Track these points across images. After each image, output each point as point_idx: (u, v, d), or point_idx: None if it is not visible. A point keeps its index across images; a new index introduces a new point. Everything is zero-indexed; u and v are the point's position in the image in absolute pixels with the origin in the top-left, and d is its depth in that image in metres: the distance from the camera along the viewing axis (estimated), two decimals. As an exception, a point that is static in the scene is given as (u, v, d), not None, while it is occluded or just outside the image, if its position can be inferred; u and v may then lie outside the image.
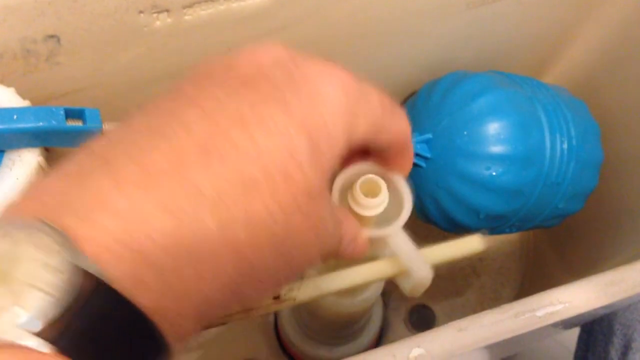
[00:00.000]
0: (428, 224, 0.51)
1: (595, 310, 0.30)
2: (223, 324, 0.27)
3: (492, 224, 0.50)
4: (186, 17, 0.38)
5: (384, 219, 0.29)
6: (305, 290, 0.30)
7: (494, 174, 0.45)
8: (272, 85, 0.19)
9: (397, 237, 0.29)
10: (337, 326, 0.52)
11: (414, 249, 0.29)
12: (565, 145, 0.47)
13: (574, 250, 0.63)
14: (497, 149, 0.45)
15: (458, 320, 0.29)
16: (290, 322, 0.57)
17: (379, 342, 0.66)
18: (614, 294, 0.30)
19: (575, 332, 0.58)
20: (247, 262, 0.18)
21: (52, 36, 0.36)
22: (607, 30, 0.53)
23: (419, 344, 0.28)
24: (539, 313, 0.29)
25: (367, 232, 0.27)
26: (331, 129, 0.19)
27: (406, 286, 0.30)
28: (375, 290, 0.44)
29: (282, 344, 0.65)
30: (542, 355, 0.77)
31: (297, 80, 0.19)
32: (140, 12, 0.37)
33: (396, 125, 0.24)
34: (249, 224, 0.17)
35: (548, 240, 0.67)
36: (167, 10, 0.38)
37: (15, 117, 0.31)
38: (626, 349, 0.53)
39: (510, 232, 0.52)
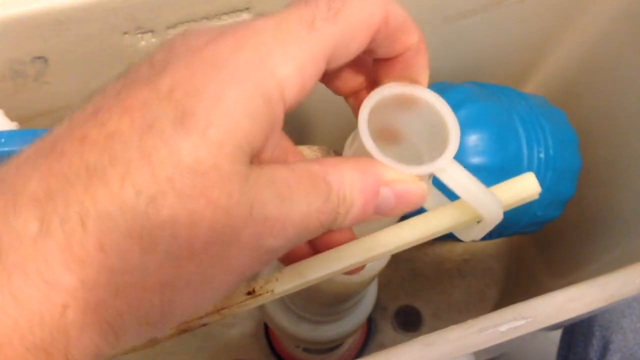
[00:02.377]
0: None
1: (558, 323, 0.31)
2: (203, 325, 0.25)
3: (471, 232, 0.51)
4: (170, 37, 0.39)
5: (411, 154, 0.24)
6: (286, 280, 0.24)
7: (472, 184, 0.47)
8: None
9: (452, 170, 0.22)
10: (325, 302, 0.46)
11: (476, 180, 0.23)
12: (542, 155, 0.49)
13: (557, 253, 0.64)
14: (474, 160, 0.46)
15: (425, 335, 0.30)
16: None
17: (365, 341, 0.68)
18: (575, 310, 0.31)
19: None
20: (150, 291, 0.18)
21: (39, 57, 0.37)
22: (585, 40, 0.54)
23: (388, 359, 0.29)
24: (502, 328, 0.30)
25: (411, 171, 0.21)
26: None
27: (467, 230, 0.24)
28: (380, 262, 0.37)
29: (271, 344, 0.66)
30: (530, 351, 0.79)
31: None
32: (125, 33, 0.38)
33: (354, 20, 0.20)
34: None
35: (532, 242, 0.68)
36: (152, 31, 0.39)
37: (2, 140, 0.32)
38: (604, 350, 0.55)
39: (491, 239, 0.54)
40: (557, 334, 0.61)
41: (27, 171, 0.18)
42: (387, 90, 0.23)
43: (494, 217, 0.23)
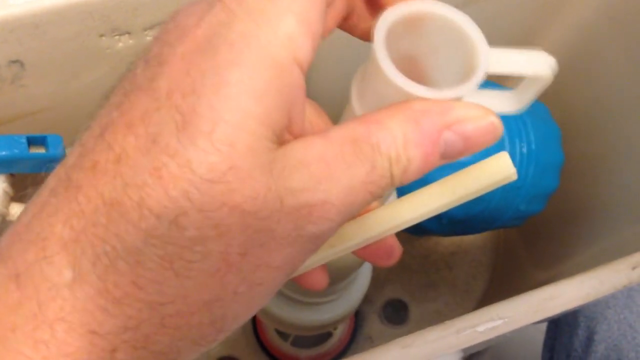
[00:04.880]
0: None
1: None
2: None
3: (456, 228, 0.51)
4: (148, 38, 0.39)
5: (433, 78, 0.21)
6: None
7: (454, 180, 0.47)
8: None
9: (493, 54, 0.20)
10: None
11: (512, 50, 0.21)
12: (524, 150, 0.49)
13: (542, 246, 0.64)
14: (456, 156, 0.46)
15: (403, 337, 0.30)
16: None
17: (353, 335, 0.68)
18: (552, 309, 0.31)
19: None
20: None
21: (15, 61, 0.37)
22: (568, 34, 0.54)
23: (365, 361, 0.29)
24: (480, 329, 0.30)
25: (460, 92, 0.19)
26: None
27: (518, 96, 0.23)
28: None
29: (260, 340, 0.67)
30: (518, 340, 0.79)
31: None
32: (102, 35, 0.38)
33: None
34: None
35: (518, 235, 0.69)
36: (129, 33, 0.39)
37: (-22, 147, 0.32)
38: (589, 340, 0.55)
39: (475, 233, 0.54)
40: (544, 323, 0.62)
41: (51, 213, 0.17)
42: (405, 8, 0.20)
43: (551, 70, 0.21)
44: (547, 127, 0.51)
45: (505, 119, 0.49)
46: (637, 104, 0.50)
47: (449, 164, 0.21)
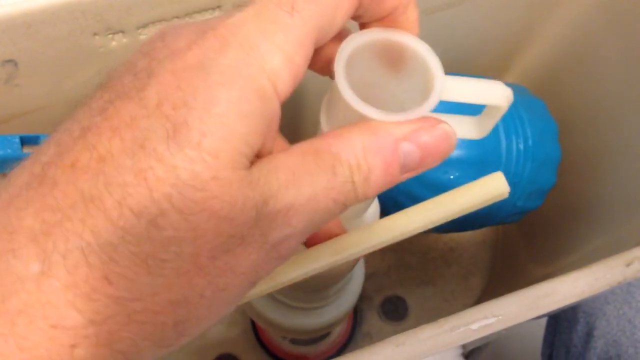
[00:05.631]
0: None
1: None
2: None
3: (454, 224, 0.51)
4: (142, 37, 0.39)
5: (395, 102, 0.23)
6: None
7: (451, 177, 0.47)
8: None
9: (450, 83, 0.21)
10: (305, 288, 0.45)
11: (471, 79, 0.22)
12: (521, 146, 0.49)
13: (541, 242, 0.64)
14: (453, 153, 0.46)
15: (396, 336, 0.30)
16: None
17: (352, 332, 0.68)
18: (546, 306, 0.31)
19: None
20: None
21: (9, 61, 0.37)
22: (565, 29, 0.54)
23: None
24: (474, 326, 0.30)
25: (410, 116, 0.20)
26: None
27: (479, 125, 0.24)
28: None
29: (258, 337, 0.67)
30: (518, 335, 0.79)
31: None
32: (95, 34, 0.38)
33: None
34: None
35: (517, 231, 0.69)
36: (122, 31, 0.38)
37: (-29, 147, 0.32)
38: (588, 336, 0.55)
39: (473, 229, 0.54)
40: (544, 319, 0.62)
41: (21, 206, 0.17)
42: (368, 35, 0.21)
43: (506, 100, 0.22)
44: (545, 123, 0.51)
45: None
46: (635, 101, 0.49)
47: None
